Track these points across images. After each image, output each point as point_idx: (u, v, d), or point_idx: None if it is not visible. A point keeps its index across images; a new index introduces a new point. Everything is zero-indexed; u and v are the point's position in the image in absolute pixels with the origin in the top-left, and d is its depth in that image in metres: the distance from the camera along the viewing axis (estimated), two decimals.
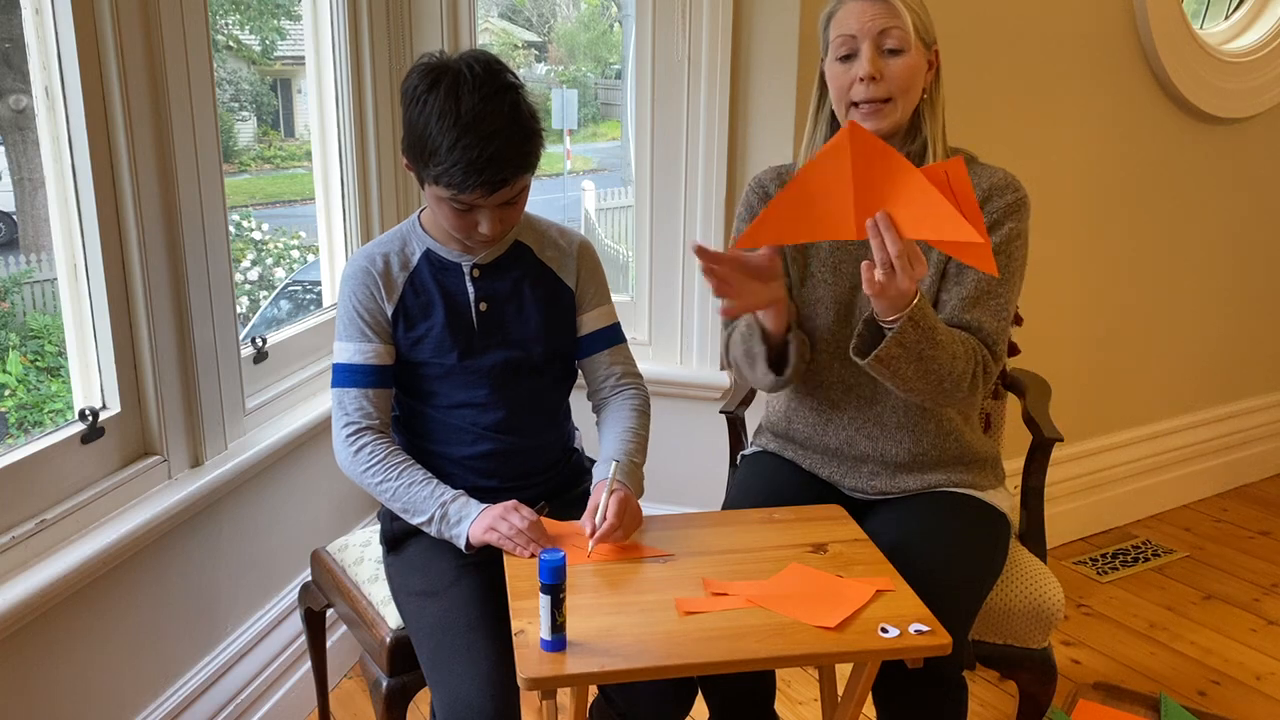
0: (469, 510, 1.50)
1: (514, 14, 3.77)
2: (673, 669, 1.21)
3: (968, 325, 1.59)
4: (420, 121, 1.42)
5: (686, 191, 2.39)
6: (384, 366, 1.58)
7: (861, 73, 1.55)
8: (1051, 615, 1.67)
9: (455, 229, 1.52)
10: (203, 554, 1.87)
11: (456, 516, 1.50)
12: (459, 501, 1.51)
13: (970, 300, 1.59)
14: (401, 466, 1.54)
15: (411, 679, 1.59)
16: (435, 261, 1.60)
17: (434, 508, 1.51)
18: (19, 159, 1.81)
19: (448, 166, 1.40)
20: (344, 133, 2.29)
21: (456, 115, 1.39)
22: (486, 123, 1.40)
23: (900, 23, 1.54)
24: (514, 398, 1.61)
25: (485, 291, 1.60)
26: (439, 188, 1.45)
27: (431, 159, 1.42)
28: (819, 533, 1.50)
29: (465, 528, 1.48)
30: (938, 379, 1.51)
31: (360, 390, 1.57)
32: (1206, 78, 2.85)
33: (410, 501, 1.52)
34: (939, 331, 1.48)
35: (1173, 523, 3.15)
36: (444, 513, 1.50)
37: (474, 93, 1.40)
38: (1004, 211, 1.62)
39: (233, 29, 2.66)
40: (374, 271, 1.57)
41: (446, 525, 1.50)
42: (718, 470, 2.11)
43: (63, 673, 1.57)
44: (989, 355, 1.58)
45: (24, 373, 2.07)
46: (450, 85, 1.41)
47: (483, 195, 1.44)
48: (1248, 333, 3.29)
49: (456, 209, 1.47)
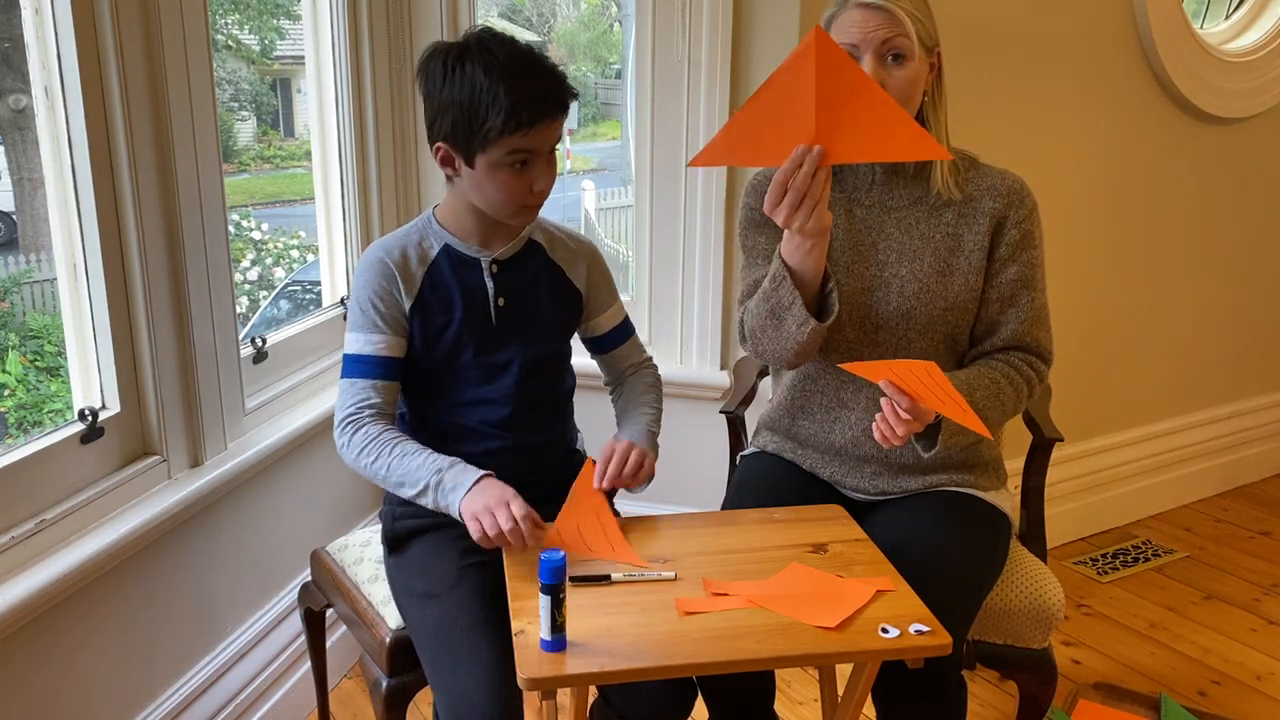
0: (465, 478, 1.46)
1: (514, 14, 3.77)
2: (672, 669, 1.21)
3: (1028, 347, 1.64)
4: (464, 89, 1.44)
5: (686, 191, 2.39)
6: (393, 359, 1.57)
7: None
8: (1051, 615, 1.66)
9: (511, 198, 1.51)
10: (202, 554, 1.87)
11: (451, 484, 1.46)
12: (455, 469, 1.48)
13: (1030, 321, 1.64)
14: (395, 442, 1.51)
15: (411, 679, 1.59)
16: (454, 256, 1.60)
17: (429, 475, 1.47)
18: (19, 159, 1.81)
19: (512, 107, 1.42)
20: (344, 133, 2.29)
21: (501, 66, 1.43)
22: (530, 60, 1.47)
23: (903, 31, 1.52)
24: (525, 395, 1.61)
25: (504, 287, 1.60)
26: (499, 146, 1.45)
27: (490, 113, 1.43)
28: (819, 533, 1.50)
29: (459, 496, 1.45)
30: (1000, 419, 1.60)
31: (368, 381, 1.55)
32: (1206, 78, 2.85)
33: (405, 473, 1.49)
34: (978, 403, 1.52)
35: (1173, 523, 3.15)
36: (439, 479, 1.47)
37: (502, 46, 1.46)
38: (1030, 221, 1.64)
39: (232, 29, 2.66)
40: (391, 264, 1.56)
41: (441, 493, 1.47)
42: (718, 470, 2.11)
43: (63, 673, 1.57)
44: (1042, 368, 1.65)
45: (24, 373, 2.07)
46: (480, 48, 1.45)
47: (551, 124, 1.47)
48: (1248, 333, 3.29)
49: (516, 168, 1.48)
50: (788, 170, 1.39)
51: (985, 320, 1.66)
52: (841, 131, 1.36)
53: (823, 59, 1.32)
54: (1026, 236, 1.63)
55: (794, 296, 1.52)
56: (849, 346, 1.67)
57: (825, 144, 1.37)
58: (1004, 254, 1.63)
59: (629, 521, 1.55)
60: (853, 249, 1.66)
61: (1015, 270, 1.63)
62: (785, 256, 1.51)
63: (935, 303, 1.62)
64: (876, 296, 1.64)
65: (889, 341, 1.65)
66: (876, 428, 1.47)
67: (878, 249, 1.65)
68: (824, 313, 1.55)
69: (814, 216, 1.42)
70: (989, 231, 1.62)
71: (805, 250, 1.48)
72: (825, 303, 1.56)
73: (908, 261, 1.63)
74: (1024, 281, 1.63)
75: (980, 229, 1.62)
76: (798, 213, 1.41)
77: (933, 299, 1.62)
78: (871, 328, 1.65)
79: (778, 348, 1.60)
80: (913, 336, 1.64)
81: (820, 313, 1.55)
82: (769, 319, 1.57)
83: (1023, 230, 1.63)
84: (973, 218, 1.63)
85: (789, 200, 1.40)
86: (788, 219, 1.42)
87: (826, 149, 1.37)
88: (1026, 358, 1.64)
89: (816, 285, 1.54)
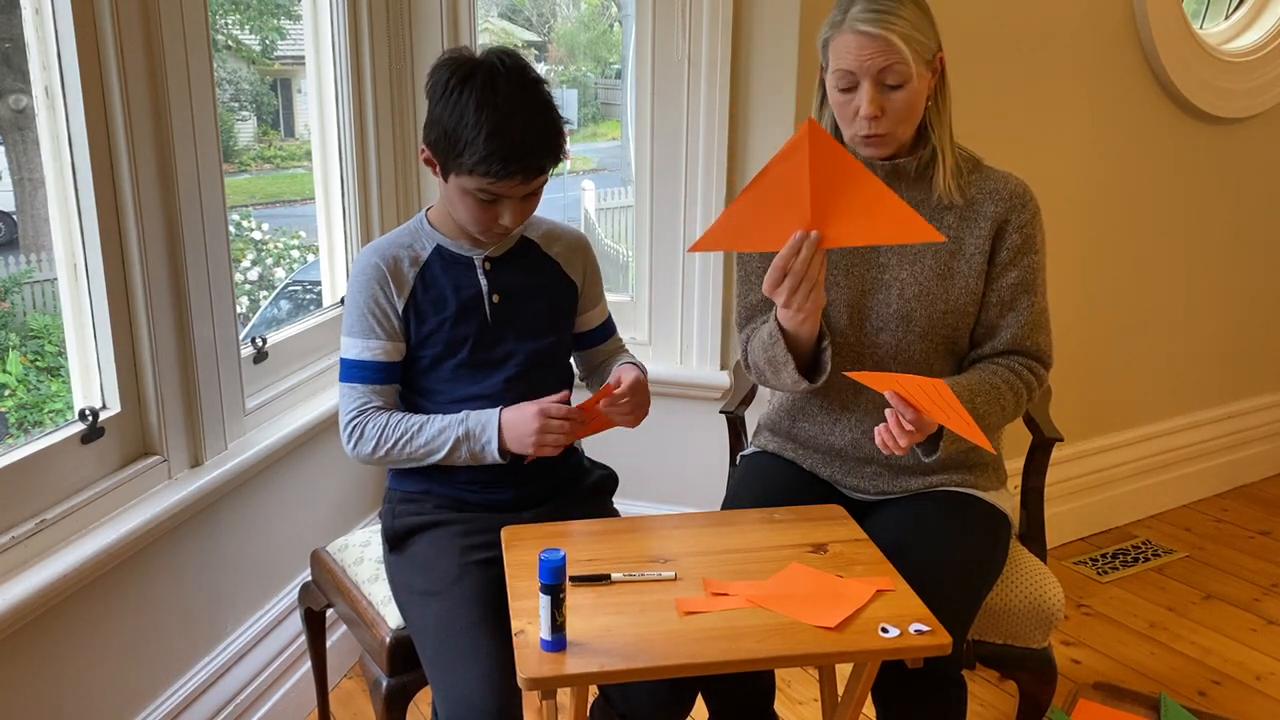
0: (486, 418, 1.53)
1: (514, 14, 3.77)
2: (672, 669, 1.21)
3: (1028, 351, 1.65)
4: (453, 114, 1.44)
5: (686, 191, 2.39)
6: (391, 363, 1.59)
7: (863, 112, 1.54)
8: (1051, 615, 1.66)
9: (476, 221, 1.52)
10: (203, 554, 1.87)
11: (479, 429, 1.53)
12: (473, 416, 1.54)
13: (1030, 326, 1.64)
14: (403, 421, 1.56)
15: (411, 679, 1.59)
16: (446, 256, 1.60)
17: (454, 434, 1.53)
18: (19, 159, 1.81)
19: (485, 155, 1.42)
20: (344, 132, 2.29)
21: (495, 106, 1.42)
22: (523, 113, 1.44)
23: (899, 57, 1.50)
24: (521, 391, 1.61)
25: (498, 284, 1.61)
26: (470, 178, 1.46)
27: (467, 150, 1.43)
28: (819, 533, 1.50)
29: (493, 436, 1.52)
30: (999, 424, 1.61)
31: (367, 386, 1.58)
32: (1206, 78, 2.85)
33: (428, 443, 1.54)
34: (978, 409, 1.54)
35: (1173, 523, 3.15)
36: (467, 432, 1.52)
37: (509, 84, 1.44)
38: (1031, 225, 1.64)
39: (233, 29, 2.66)
40: (384, 268, 1.58)
41: (474, 442, 1.52)
42: (718, 470, 2.11)
43: (63, 673, 1.57)
44: (1041, 372, 1.66)
45: (24, 373, 2.07)
46: (486, 77, 1.43)
47: (520, 183, 1.46)
48: (1248, 333, 3.29)
49: (482, 200, 1.49)
50: (786, 256, 1.44)
51: (985, 324, 1.65)
52: (836, 217, 1.41)
53: (815, 148, 1.37)
54: (1028, 241, 1.63)
55: (787, 358, 1.59)
56: (850, 349, 1.67)
57: (821, 229, 1.42)
58: (1005, 258, 1.63)
59: (629, 521, 1.55)
60: (853, 251, 1.66)
61: (1016, 274, 1.63)
62: (781, 322, 1.56)
63: (935, 305, 1.62)
64: (877, 299, 1.64)
65: (889, 344, 1.65)
66: (879, 436, 1.48)
67: (878, 252, 1.65)
68: (816, 370, 1.61)
69: (811, 298, 1.47)
70: (990, 235, 1.62)
71: (799, 321, 1.54)
72: (820, 359, 1.62)
73: (908, 264, 1.63)
74: (1024, 286, 1.63)
75: (981, 232, 1.62)
76: (796, 295, 1.47)
77: (933, 302, 1.62)
78: (872, 330, 1.65)
79: (779, 387, 1.68)
80: (912, 339, 1.64)
81: (814, 369, 1.62)
82: (768, 366, 1.64)
83: (1024, 235, 1.63)
84: (974, 221, 1.63)
85: (788, 284, 1.46)
86: (787, 300, 1.48)
87: (822, 234, 1.42)
88: (1026, 362, 1.64)
89: (811, 345, 1.60)
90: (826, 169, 1.37)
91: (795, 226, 1.42)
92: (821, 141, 1.36)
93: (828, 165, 1.37)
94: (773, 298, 1.49)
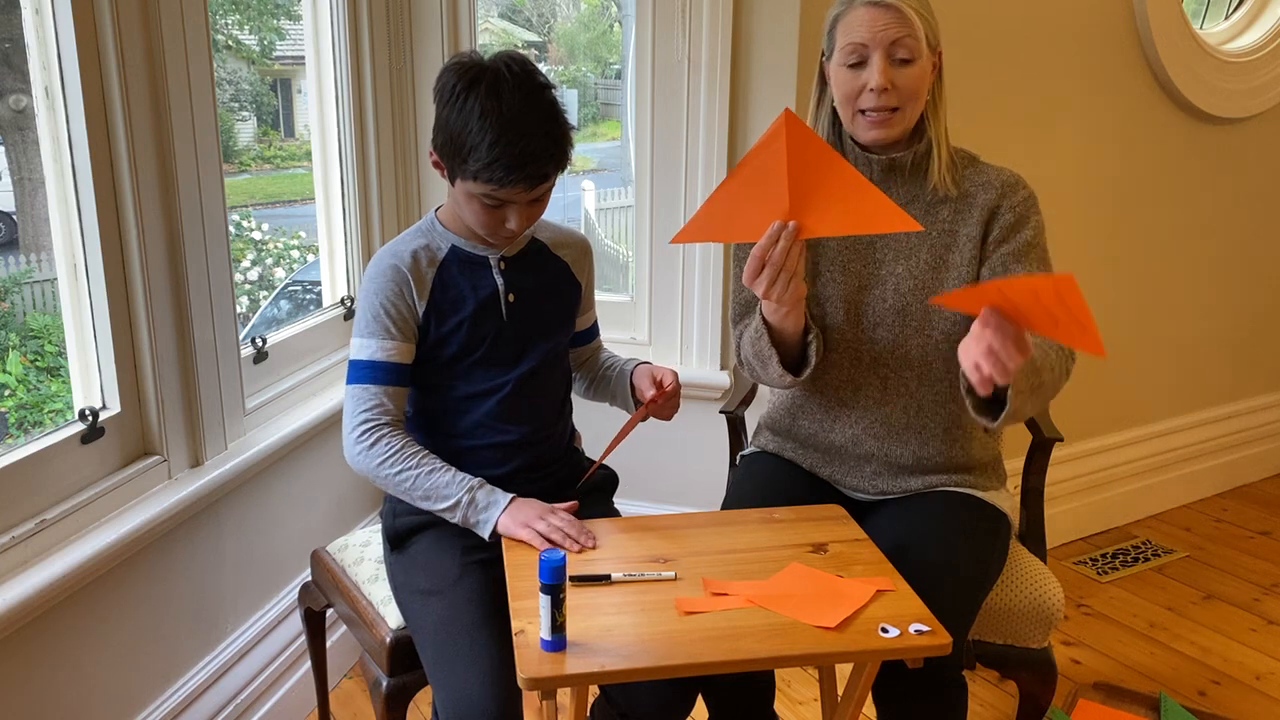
0: (497, 498, 1.51)
1: (514, 14, 3.77)
2: (673, 669, 1.21)
3: None
4: (459, 119, 1.44)
5: (686, 191, 2.39)
6: (404, 365, 1.58)
7: (874, 83, 1.54)
8: (1051, 615, 1.66)
9: (482, 225, 1.53)
10: (203, 554, 1.87)
11: (485, 502, 1.51)
12: (486, 489, 1.52)
13: None
14: (419, 456, 1.54)
15: (411, 679, 1.59)
16: (462, 256, 1.61)
17: (460, 492, 1.51)
18: (19, 159, 1.81)
19: (489, 162, 1.42)
20: (344, 133, 2.29)
21: (499, 113, 1.42)
22: (528, 119, 1.43)
23: (912, 31, 1.53)
24: (532, 388, 1.62)
25: (513, 283, 1.62)
26: (476, 184, 1.46)
27: (471, 155, 1.43)
28: (819, 533, 1.50)
29: (494, 514, 1.50)
30: (1048, 395, 1.57)
31: (380, 388, 1.56)
32: (1206, 78, 2.85)
33: (432, 488, 1.52)
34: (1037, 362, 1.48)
35: (1173, 523, 3.15)
36: (472, 498, 1.51)
37: (515, 91, 1.43)
38: (1025, 206, 1.63)
39: (232, 29, 2.66)
40: (404, 269, 1.57)
41: (474, 510, 1.51)
42: (718, 470, 2.11)
43: (63, 673, 1.57)
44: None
45: (24, 373, 2.07)
46: (491, 83, 1.43)
47: (524, 190, 1.46)
48: (1248, 333, 3.29)
49: (488, 205, 1.49)
50: (764, 246, 1.44)
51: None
52: (814, 207, 1.42)
53: (793, 139, 1.37)
54: (1021, 219, 1.62)
55: (771, 351, 1.59)
56: (846, 344, 1.67)
57: (799, 219, 1.42)
58: (997, 235, 1.62)
59: (629, 521, 1.55)
60: (849, 246, 1.66)
61: (1009, 248, 1.61)
62: (765, 316, 1.58)
63: (931, 298, 1.62)
64: (873, 294, 1.64)
65: (886, 338, 1.65)
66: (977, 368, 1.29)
67: (874, 246, 1.65)
68: (803, 364, 1.62)
69: (790, 288, 1.48)
70: (983, 222, 1.62)
71: (782, 314, 1.55)
72: (805, 353, 1.62)
73: (904, 258, 1.63)
74: (1018, 256, 1.61)
75: (974, 221, 1.63)
76: (775, 285, 1.47)
77: (928, 294, 1.62)
78: (869, 325, 1.65)
79: (769, 382, 1.69)
80: (909, 333, 1.64)
81: (800, 363, 1.63)
82: (756, 360, 1.66)
83: (1017, 214, 1.62)
84: (968, 212, 1.63)
85: (767, 274, 1.46)
86: (766, 291, 1.49)
87: (800, 224, 1.43)
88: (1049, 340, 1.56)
89: (797, 339, 1.60)
90: (804, 159, 1.38)
91: (774, 217, 1.42)
92: (798, 131, 1.37)
93: (805, 155, 1.38)
94: (752, 288, 1.50)
